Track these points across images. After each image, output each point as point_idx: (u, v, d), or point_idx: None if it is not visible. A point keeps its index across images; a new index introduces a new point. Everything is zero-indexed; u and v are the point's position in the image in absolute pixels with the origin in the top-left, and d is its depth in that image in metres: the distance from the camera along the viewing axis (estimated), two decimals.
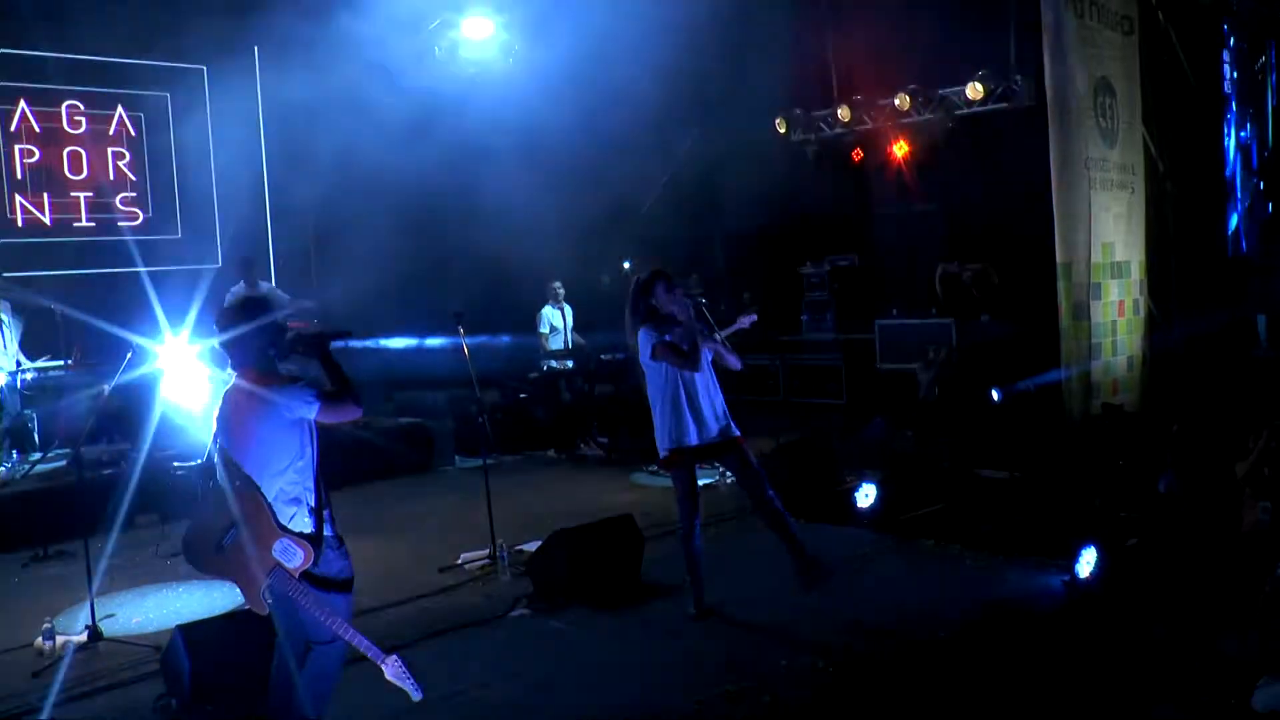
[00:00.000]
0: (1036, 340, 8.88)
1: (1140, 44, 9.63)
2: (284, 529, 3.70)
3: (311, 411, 3.78)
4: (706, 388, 5.46)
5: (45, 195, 10.32)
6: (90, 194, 10.62)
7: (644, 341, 5.41)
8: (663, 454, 5.53)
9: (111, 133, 10.79)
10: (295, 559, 3.67)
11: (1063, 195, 8.61)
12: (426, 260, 11.63)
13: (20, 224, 10.21)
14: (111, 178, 10.77)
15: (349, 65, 10.87)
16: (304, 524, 3.78)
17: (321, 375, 3.93)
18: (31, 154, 10.27)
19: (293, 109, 10.97)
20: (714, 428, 5.47)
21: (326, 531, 3.82)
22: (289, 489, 3.77)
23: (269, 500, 3.72)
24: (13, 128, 10.15)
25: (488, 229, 11.39)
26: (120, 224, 10.78)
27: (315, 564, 3.72)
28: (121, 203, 10.85)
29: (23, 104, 10.23)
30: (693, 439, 5.44)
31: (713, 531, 7.25)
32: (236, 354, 3.85)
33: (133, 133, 10.91)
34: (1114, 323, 9.21)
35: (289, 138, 11.46)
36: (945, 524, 7.19)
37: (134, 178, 10.91)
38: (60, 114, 10.48)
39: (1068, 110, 8.60)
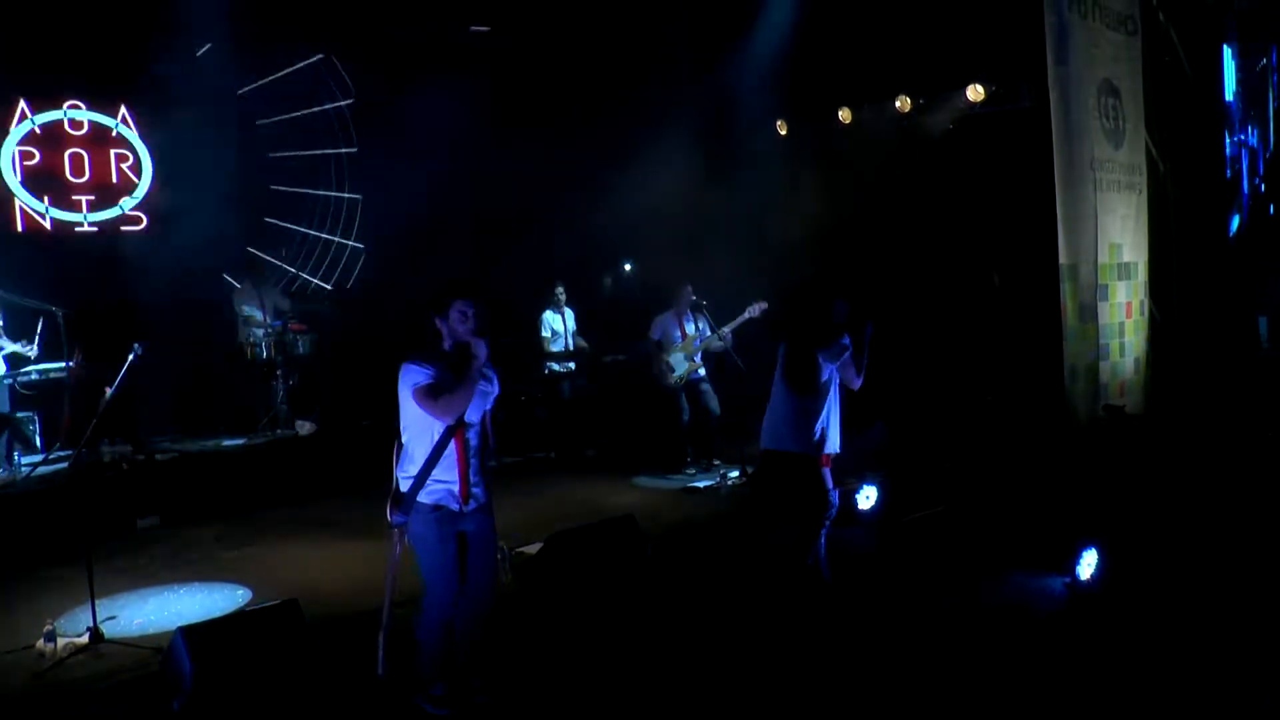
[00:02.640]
0: (1038, 342, 8.86)
1: (1141, 44, 9.61)
2: (396, 484, 4.34)
3: (407, 389, 4.19)
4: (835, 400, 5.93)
5: (45, 198, 10.29)
6: (92, 196, 10.59)
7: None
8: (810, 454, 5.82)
9: (114, 134, 10.76)
10: (388, 512, 4.34)
11: (1066, 197, 8.56)
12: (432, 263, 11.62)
13: (20, 229, 10.15)
14: (115, 180, 10.75)
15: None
16: (407, 484, 4.29)
17: None
18: (31, 155, 10.24)
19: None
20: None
21: (424, 499, 4.26)
22: (409, 446, 4.31)
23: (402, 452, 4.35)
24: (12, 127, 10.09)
25: (494, 231, 11.40)
26: (123, 228, 10.74)
27: (399, 522, 4.32)
28: (125, 206, 10.82)
29: (22, 104, 10.16)
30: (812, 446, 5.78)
31: (701, 534, 7.35)
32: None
33: (135, 132, 10.90)
34: (1121, 324, 9.15)
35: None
36: (946, 526, 7.18)
37: (136, 180, 10.89)
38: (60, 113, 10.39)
39: (1070, 112, 8.54)
